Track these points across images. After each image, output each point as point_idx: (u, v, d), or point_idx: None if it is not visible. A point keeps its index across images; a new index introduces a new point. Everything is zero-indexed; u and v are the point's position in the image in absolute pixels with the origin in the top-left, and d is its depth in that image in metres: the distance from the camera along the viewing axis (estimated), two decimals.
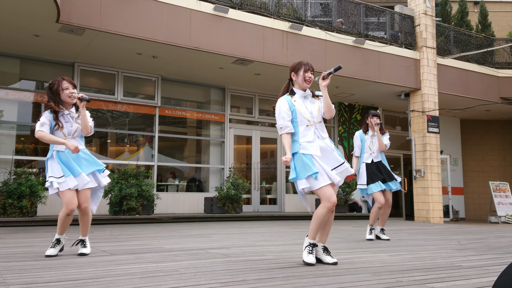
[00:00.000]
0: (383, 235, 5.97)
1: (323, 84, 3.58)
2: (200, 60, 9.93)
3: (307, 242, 3.56)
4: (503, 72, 13.84)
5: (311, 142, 3.56)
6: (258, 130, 12.44)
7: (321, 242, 3.67)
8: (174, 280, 2.86)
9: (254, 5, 9.96)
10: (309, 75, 3.66)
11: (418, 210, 12.14)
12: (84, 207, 3.93)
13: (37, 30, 8.30)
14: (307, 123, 3.60)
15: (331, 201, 3.49)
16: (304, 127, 3.60)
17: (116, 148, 12.27)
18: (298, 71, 3.69)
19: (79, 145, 3.88)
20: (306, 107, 3.64)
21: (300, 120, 3.61)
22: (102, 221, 8.65)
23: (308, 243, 3.56)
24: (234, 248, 4.72)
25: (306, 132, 3.59)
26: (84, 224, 4.03)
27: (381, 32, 12.09)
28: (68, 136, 3.90)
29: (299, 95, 3.69)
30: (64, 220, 3.87)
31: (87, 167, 3.90)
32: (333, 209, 3.59)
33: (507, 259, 4.03)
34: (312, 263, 3.46)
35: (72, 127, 3.92)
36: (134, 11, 8.58)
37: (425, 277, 3.07)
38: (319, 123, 3.65)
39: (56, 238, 3.95)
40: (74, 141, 3.91)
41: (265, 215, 10.78)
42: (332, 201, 3.50)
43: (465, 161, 16.23)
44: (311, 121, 3.60)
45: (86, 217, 4.01)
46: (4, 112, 9.51)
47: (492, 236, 6.90)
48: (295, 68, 3.72)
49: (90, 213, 4.04)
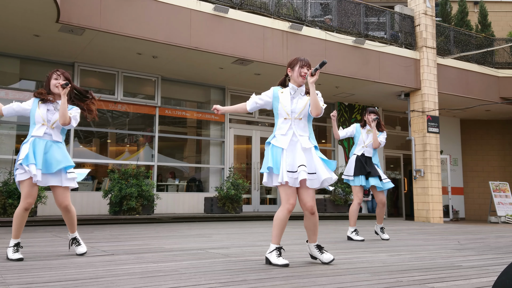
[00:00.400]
0: (384, 235, 5.95)
1: (311, 80, 3.56)
2: (200, 60, 9.93)
3: (272, 247, 3.52)
4: (503, 72, 13.84)
5: (284, 135, 3.59)
6: (258, 130, 12.45)
7: (312, 242, 3.67)
8: (174, 280, 2.86)
9: (254, 5, 9.96)
10: (305, 70, 3.64)
11: (418, 210, 12.14)
12: (64, 206, 3.87)
13: (37, 30, 8.30)
14: (286, 116, 3.63)
15: (290, 202, 3.48)
16: (282, 119, 3.65)
17: (116, 148, 12.27)
18: (294, 66, 3.69)
19: (57, 138, 3.86)
20: (291, 101, 3.65)
21: (280, 112, 3.67)
22: (102, 221, 8.66)
23: (273, 248, 3.52)
24: (234, 248, 4.72)
25: (283, 125, 3.63)
26: (69, 222, 3.98)
27: (381, 32, 12.09)
28: (48, 123, 3.84)
29: (289, 89, 3.71)
30: (21, 217, 3.72)
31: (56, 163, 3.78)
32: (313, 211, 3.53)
33: (507, 259, 4.04)
34: (285, 263, 3.42)
35: (53, 116, 3.87)
36: (134, 11, 8.58)
37: (425, 277, 3.07)
38: (298, 120, 3.62)
39: (14, 243, 3.76)
40: (53, 132, 3.85)
41: (265, 215, 10.78)
42: (290, 202, 3.47)
43: (465, 161, 16.23)
44: (289, 115, 3.62)
45: (69, 214, 3.94)
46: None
47: (492, 236, 6.90)
48: (291, 63, 3.73)
49: (73, 210, 3.96)
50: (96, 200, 9.81)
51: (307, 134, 3.64)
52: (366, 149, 5.91)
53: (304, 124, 3.64)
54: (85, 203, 9.75)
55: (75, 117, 3.91)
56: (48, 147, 3.79)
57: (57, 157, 3.79)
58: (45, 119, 3.84)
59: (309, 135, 3.65)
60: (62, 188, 3.83)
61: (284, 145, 3.54)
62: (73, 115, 3.90)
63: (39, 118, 3.84)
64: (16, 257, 3.68)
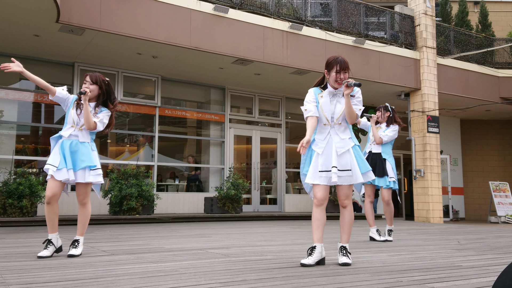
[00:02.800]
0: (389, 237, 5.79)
1: (345, 92, 3.49)
2: (200, 60, 9.93)
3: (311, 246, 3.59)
4: (503, 72, 13.84)
5: (323, 141, 3.59)
6: (258, 130, 12.44)
7: (341, 242, 3.67)
8: (174, 280, 2.86)
9: (254, 5, 9.96)
10: (341, 76, 3.54)
11: (418, 210, 12.14)
12: (84, 202, 4.04)
13: (37, 30, 8.30)
14: (325, 122, 3.61)
15: (316, 197, 3.54)
16: (322, 125, 3.63)
17: (116, 148, 12.27)
18: (330, 70, 3.59)
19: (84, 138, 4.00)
20: (330, 105, 3.61)
21: (320, 117, 3.63)
22: (102, 221, 8.66)
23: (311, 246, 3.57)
24: (234, 248, 4.72)
25: (322, 130, 3.63)
26: (81, 221, 4.06)
27: (381, 32, 12.09)
28: (76, 125, 4.00)
29: (328, 92, 3.65)
30: (48, 211, 3.89)
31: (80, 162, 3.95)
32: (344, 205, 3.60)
33: (507, 259, 4.03)
34: (306, 264, 3.43)
35: (81, 120, 4.01)
36: (134, 11, 8.58)
37: (425, 277, 3.07)
38: (338, 125, 3.61)
39: (48, 238, 3.96)
40: (80, 133, 3.99)
41: (265, 215, 10.79)
42: (317, 197, 3.52)
43: (465, 161, 16.22)
44: (329, 121, 3.60)
45: (85, 212, 4.06)
46: (4, 112, 9.51)
47: (492, 236, 6.90)
48: (328, 66, 3.61)
49: (89, 209, 4.08)
50: (96, 200, 9.81)
51: (348, 136, 3.63)
52: (373, 146, 5.95)
53: (345, 127, 3.64)
54: None
55: (101, 121, 4.04)
56: (73, 146, 3.96)
57: (81, 157, 3.95)
58: (75, 121, 4.01)
59: (351, 137, 3.65)
60: (84, 184, 3.99)
61: (320, 150, 3.57)
62: (100, 119, 4.03)
63: (70, 119, 4.03)
64: (41, 254, 3.85)
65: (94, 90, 4.05)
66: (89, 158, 3.98)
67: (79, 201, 4.06)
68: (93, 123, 3.96)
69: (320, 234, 3.50)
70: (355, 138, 3.68)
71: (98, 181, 4.04)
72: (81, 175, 3.96)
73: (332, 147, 3.55)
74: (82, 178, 3.97)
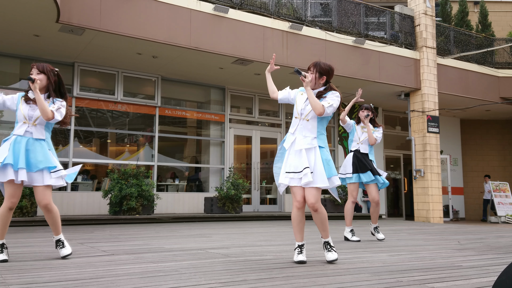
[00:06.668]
0: (379, 234, 5.83)
1: (304, 84, 3.65)
2: (200, 60, 9.93)
3: (295, 245, 3.74)
4: (503, 72, 13.84)
5: (292, 134, 3.73)
6: (258, 130, 12.44)
7: (322, 237, 3.79)
8: (174, 280, 2.86)
9: (254, 5, 9.96)
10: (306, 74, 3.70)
11: (418, 210, 12.14)
12: (44, 205, 3.67)
13: (37, 30, 8.30)
14: (296, 115, 3.78)
15: (296, 200, 3.64)
16: (294, 118, 3.81)
17: (116, 148, 12.27)
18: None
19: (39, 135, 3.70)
20: (305, 102, 3.74)
21: (294, 111, 3.84)
22: (102, 221, 8.66)
23: (296, 245, 3.73)
24: (234, 248, 4.72)
25: (293, 123, 3.79)
26: (51, 223, 3.78)
27: (381, 32, 12.09)
28: (29, 120, 3.69)
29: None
30: (6, 217, 3.60)
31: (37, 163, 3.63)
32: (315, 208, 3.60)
33: (507, 259, 4.03)
34: (297, 260, 3.60)
35: (34, 112, 3.70)
36: (134, 11, 8.58)
37: (425, 277, 3.07)
38: (306, 121, 3.67)
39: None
40: (34, 129, 3.69)
41: (265, 215, 10.79)
42: (296, 199, 3.63)
43: (465, 161, 16.23)
44: (299, 115, 3.74)
45: (50, 215, 3.74)
46: (4, 112, 9.51)
47: (492, 236, 6.90)
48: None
49: (55, 210, 3.76)
50: (96, 200, 9.81)
51: (313, 135, 3.64)
52: (361, 146, 5.85)
53: (312, 125, 3.67)
54: (85, 203, 9.75)
55: (59, 110, 3.72)
56: (29, 145, 3.65)
57: (38, 157, 3.64)
58: (26, 117, 3.70)
59: (317, 136, 3.65)
60: (42, 186, 3.65)
61: (287, 145, 3.70)
62: (56, 108, 3.71)
63: (20, 116, 3.72)
64: (0, 258, 3.57)
65: (43, 80, 3.73)
66: (46, 158, 3.66)
67: (42, 207, 3.67)
68: (49, 111, 3.62)
69: (303, 234, 3.74)
70: (324, 141, 3.68)
71: (59, 184, 3.71)
72: (39, 178, 3.63)
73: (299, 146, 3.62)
74: (40, 181, 3.63)
